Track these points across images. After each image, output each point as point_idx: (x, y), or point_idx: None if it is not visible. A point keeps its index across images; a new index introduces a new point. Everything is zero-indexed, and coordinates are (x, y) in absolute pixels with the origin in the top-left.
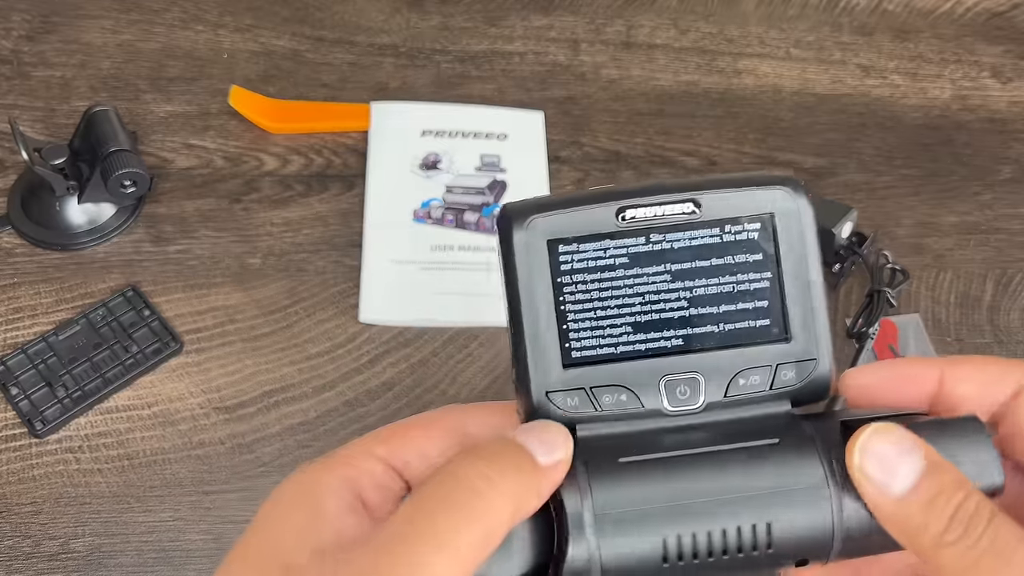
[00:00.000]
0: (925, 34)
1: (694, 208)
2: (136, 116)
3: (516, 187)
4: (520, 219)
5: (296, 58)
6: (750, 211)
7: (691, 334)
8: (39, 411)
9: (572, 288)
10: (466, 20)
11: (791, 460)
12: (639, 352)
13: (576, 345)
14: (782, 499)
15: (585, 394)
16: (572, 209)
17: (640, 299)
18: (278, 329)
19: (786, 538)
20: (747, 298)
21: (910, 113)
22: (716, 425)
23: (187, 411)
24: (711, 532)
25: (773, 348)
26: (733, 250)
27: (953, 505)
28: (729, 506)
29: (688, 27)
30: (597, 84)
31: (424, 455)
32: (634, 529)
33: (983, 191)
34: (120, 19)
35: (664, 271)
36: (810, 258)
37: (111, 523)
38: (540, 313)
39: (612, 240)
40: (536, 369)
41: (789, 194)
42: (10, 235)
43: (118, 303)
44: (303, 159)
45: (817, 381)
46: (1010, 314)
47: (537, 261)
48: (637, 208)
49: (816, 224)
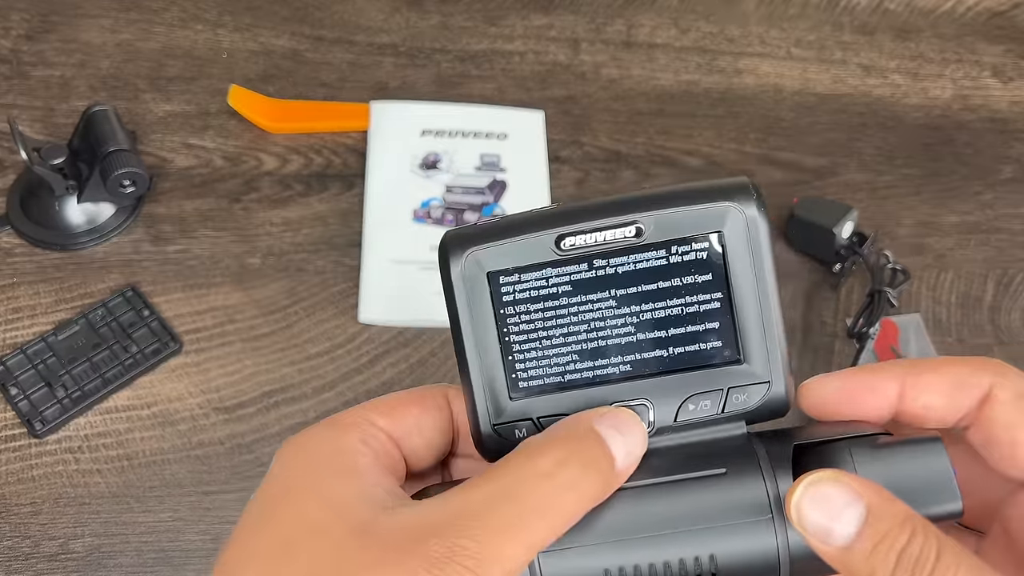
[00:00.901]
0: (926, 33)
1: (635, 235)
2: (135, 116)
3: (516, 187)
4: (458, 252)
5: (295, 57)
6: (697, 229)
7: (638, 359)
8: (38, 411)
9: (516, 319)
10: (466, 19)
11: (737, 491)
12: (587, 380)
13: (523, 375)
14: (727, 531)
15: (533, 424)
16: (509, 240)
17: (585, 327)
18: (278, 329)
19: (731, 568)
20: (696, 320)
21: (911, 113)
22: (666, 451)
23: (186, 411)
24: (653, 564)
25: (725, 371)
26: (680, 272)
27: (896, 551)
28: (672, 538)
29: (689, 26)
30: (597, 84)
31: (420, 430)
32: (576, 561)
33: (984, 191)
34: (119, 18)
35: (608, 297)
36: (765, 274)
37: (111, 523)
38: (485, 345)
39: (553, 268)
40: (482, 401)
41: (738, 208)
42: (9, 235)
43: (117, 303)
44: (303, 159)
45: (772, 403)
46: (1011, 314)
47: (478, 293)
48: (576, 235)
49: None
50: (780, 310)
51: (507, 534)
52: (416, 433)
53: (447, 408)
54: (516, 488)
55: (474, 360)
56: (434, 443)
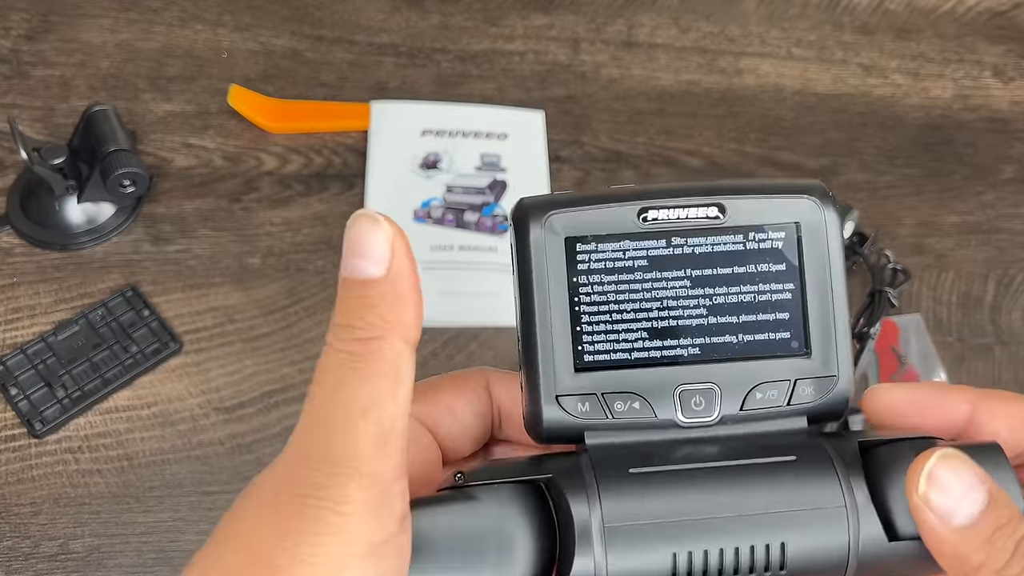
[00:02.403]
0: (927, 33)
1: (719, 213)
2: (135, 115)
3: (516, 187)
4: (538, 215)
5: (295, 57)
6: (776, 219)
7: (709, 343)
8: (38, 411)
9: (588, 289)
10: (466, 19)
11: (809, 479)
12: (654, 359)
13: (590, 348)
14: (798, 519)
15: (597, 400)
16: (592, 207)
17: (658, 304)
18: (278, 329)
19: (800, 560)
20: (768, 309)
21: (911, 113)
22: (731, 439)
23: (187, 411)
24: (723, 550)
25: (792, 363)
26: (756, 259)
27: (1016, 539)
28: (743, 524)
29: (689, 26)
30: (598, 83)
31: (455, 416)
32: (643, 543)
33: (985, 191)
34: (119, 18)
35: (684, 276)
36: (834, 271)
37: (110, 524)
38: (554, 314)
39: (632, 241)
40: (546, 371)
41: (816, 204)
42: (9, 235)
43: (117, 303)
44: (303, 159)
45: (836, 399)
46: (1012, 314)
47: (553, 259)
48: (660, 209)
49: (841, 238)
50: (847, 309)
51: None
52: (449, 417)
53: (485, 393)
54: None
55: (541, 329)
56: (470, 427)
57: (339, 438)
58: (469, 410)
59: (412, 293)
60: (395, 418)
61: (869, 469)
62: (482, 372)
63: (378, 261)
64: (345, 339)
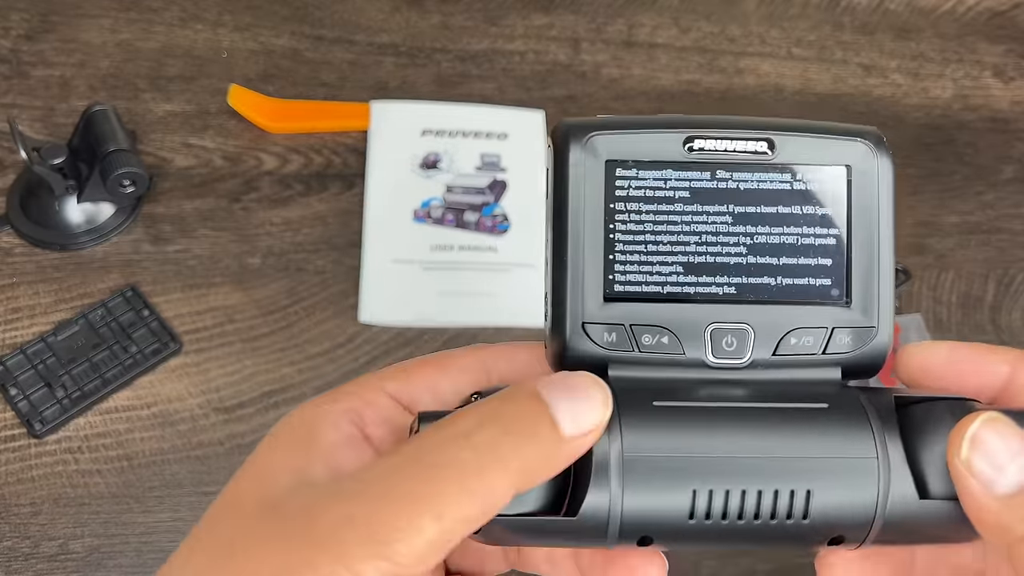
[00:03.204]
0: (927, 33)
1: (767, 148)
2: (135, 115)
3: (516, 187)
4: (579, 134)
5: (295, 57)
6: (826, 160)
7: (746, 283)
8: (38, 411)
9: (625, 216)
10: (466, 19)
11: (841, 428)
12: (688, 295)
13: (621, 278)
14: (827, 468)
15: (624, 331)
16: (637, 131)
17: (696, 238)
18: (277, 329)
19: (824, 510)
20: (810, 253)
21: (912, 112)
22: (761, 384)
23: (186, 411)
24: (746, 492)
25: (831, 310)
26: (803, 200)
27: None
28: (769, 467)
29: (689, 26)
30: (598, 83)
31: (435, 392)
32: (662, 478)
33: (985, 191)
34: (119, 18)
35: (726, 212)
36: (883, 221)
37: (110, 524)
38: (586, 238)
39: (675, 170)
40: (574, 297)
41: (870, 148)
42: (9, 235)
43: (117, 303)
44: (302, 158)
45: (874, 352)
46: (1012, 314)
47: (591, 182)
48: (707, 139)
49: (894, 188)
50: (893, 262)
51: (408, 501)
52: (428, 396)
53: (478, 373)
54: (426, 450)
55: (573, 253)
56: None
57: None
58: (451, 390)
59: (565, 465)
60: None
61: (904, 425)
62: (477, 349)
63: (582, 425)
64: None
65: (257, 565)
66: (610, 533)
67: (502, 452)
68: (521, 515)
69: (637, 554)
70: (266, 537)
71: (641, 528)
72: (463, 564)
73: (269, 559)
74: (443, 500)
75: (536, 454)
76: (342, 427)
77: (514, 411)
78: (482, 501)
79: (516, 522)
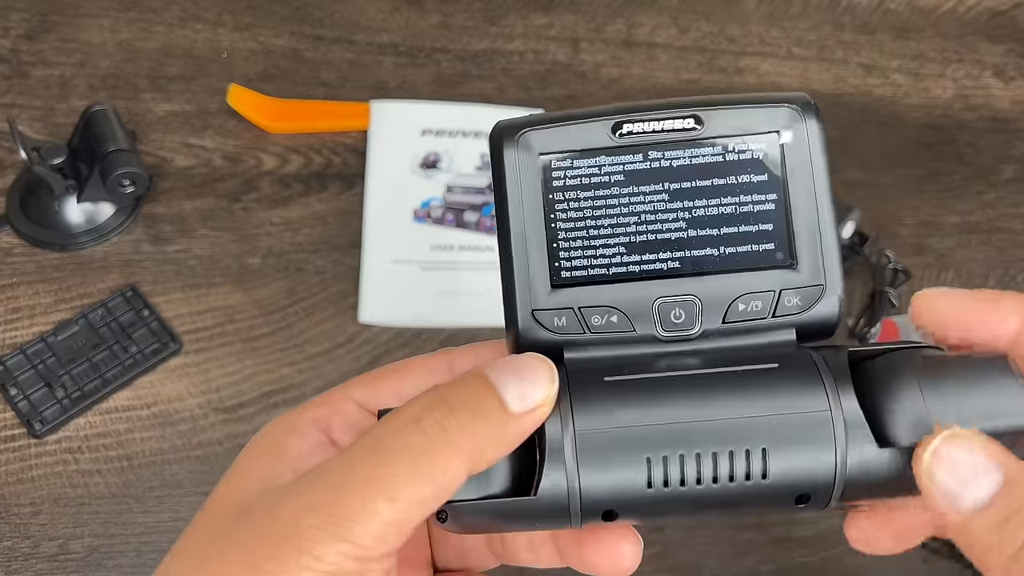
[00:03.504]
0: (927, 33)
1: (695, 124)
2: (135, 115)
3: None
4: (512, 133)
5: (295, 57)
6: (755, 129)
7: (688, 256)
8: (38, 412)
9: (564, 206)
10: (466, 19)
11: (791, 384)
12: (632, 274)
13: (566, 265)
14: (780, 424)
15: (574, 314)
16: (566, 124)
17: (636, 219)
18: (277, 329)
19: (783, 467)
20: (750, 220)
21: (912, 112)
22: (713, 352)
23: (186, 412)
24: (700, 455)
25: (777, 273)
26: (736, 170)
27: None
28: (722, 429)
29: (689, 26)
30: (598, 83)
31: (400, 395)
32: (615, 449)
33: (986, 190)
34: (119, 18)
35: (662, 190)
36: (818, 181)
37: (110, 524)
38: (529, 231)
39: (607, 156)
40: (522, 288)
41: (797, 112)
42: (8, 235)
43: (117, 303)
44: (302, 158)
45: (825, 311)
46: None
47: (528, 177)
48: (634, 123)
49: (826, 149)
50: (834, 221)
51: (364, 485)
52: (393, 400)
53: (444, 372)
54: (380, 438)
55: (517, 246)
56: None
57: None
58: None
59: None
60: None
61: (861, 379)
62: (445, 352)
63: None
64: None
65: (228, 569)
66: (572, 510)
67: (451, 434)
68: (482, 498)
69: (609, 531)
70: (236, 540)
71: (602, 502)
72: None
73: (238, 561)
74: (396, 482)
75: (485, 433)
76: (310, 435)
77: (462, 394)
78: (434, 482)
79: (477, 505)
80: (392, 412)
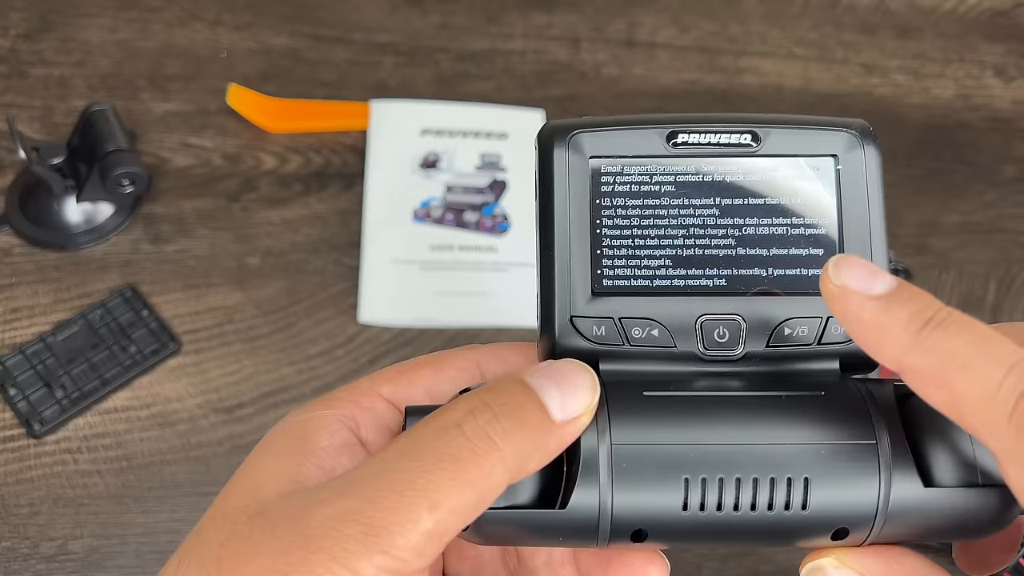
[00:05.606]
0: (928, 33)
1: (752, 141)
2: (134, 115)
3: (516, 187)
4: (562, 135)
5: (295, 56)
6: (812, 151)
7: (736, 275)
8: (37, 412)
9: (611, 212)
10: (466, 18)
11: (838, 414)
12: (677, 288)
13: (609, 273)
14: (825, 454)
15: (614, 325)
16: (619, 128)
17: (684, 232)
18: (277, 329)
19: (824, 499)
20: (801, 243)
21: (913, 112)
22: (756, 375)
23: (185, 412)
24: (741, 480)
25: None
26: (790, 191)
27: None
28: (764, 455)
29: (689, 25)
30: (598, 83)
31: (432, 394)
32: (653, 467)
33: (986, 190)
34: (118, 17)
35: (713, 204)
36: (873, 209)
37: (109, 524)
38: (573, 235)
39: (660, 165)
40: (563, 293)
41: (856, 138)
42: (8, 235)
43: (116, 303)
44: (302, 158)
45: None
46: (1013, 314)
47: (576, 180)
48: (690, 133)
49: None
50: (887, 250)
51: (403, 493)
52: (425, 399)
53: (473, 372)
54: (419, 442)
55: (560, 250)
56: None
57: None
58: (449, 392)
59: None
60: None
61: (905, 415)
62: (471, 349)
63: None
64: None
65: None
66: (601, 527)
67: (495, 440)
68: (510, 507)
69: (636, 554)
70: (256, 545)
71: (633, 521)
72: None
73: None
74: (438, 489)
75: (528, 440)
76: (337, 432)
77: (504, 399)
78: (477, 490)
79: (504, 515)
80: (430, 416)
